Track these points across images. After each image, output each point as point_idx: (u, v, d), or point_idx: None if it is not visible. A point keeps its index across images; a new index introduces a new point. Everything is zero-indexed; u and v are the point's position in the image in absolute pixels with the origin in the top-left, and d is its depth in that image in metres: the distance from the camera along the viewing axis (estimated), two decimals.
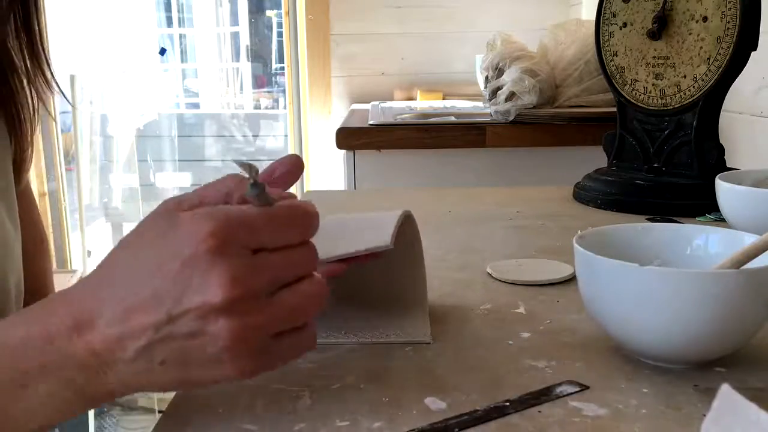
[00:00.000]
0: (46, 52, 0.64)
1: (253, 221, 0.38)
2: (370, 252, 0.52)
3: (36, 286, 0.72)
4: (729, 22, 0.87)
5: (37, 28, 0.63)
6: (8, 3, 0.60)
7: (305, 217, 0.40)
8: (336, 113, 2.47)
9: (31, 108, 0.65)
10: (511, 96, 1.53)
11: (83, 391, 0.39)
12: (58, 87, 0.67)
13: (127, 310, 0.38)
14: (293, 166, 0.48)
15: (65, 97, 0.70)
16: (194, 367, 0.38)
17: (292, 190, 0.48)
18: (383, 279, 0.60)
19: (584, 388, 0.46)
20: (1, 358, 0.39)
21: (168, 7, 3.78)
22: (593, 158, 1.11)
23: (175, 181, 3.96)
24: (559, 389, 0.46)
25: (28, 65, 0.64)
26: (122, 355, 0.38)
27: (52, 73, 0.66)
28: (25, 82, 0.64)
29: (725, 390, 0.25)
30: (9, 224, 0.61)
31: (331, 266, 0.52)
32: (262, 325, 0.38)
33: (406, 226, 0.57)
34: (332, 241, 0.54)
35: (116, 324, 0.38)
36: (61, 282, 0.67)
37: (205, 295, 0.36)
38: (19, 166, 0.66)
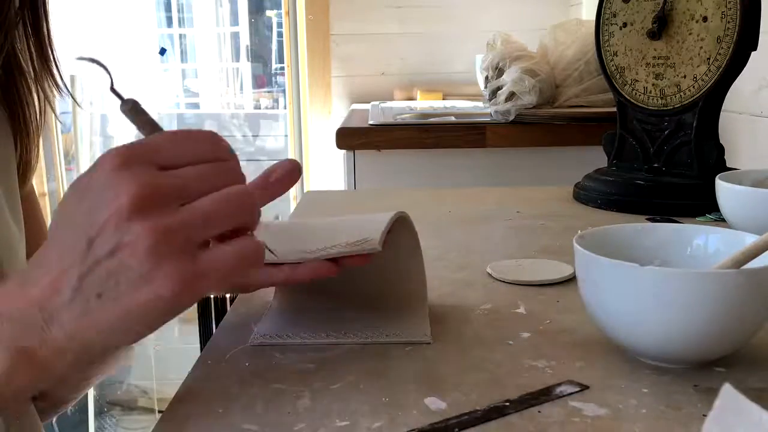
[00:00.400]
0: (54, 54, 0.64)
1: (155, 140, 0.40)
2: (357, 254, 0.52)
3: None
4: (729, 22, 0.87)
5: (46, 31, 0.63)
6: (18, 7, 0.61)
7: (209, 137, 0.41)
8: (336, 113, 2.47)
9: (37, 110, 0.65)
10: (511, 96, 1.53)
11: (32, 350, 0.38)
12: (67, 89, 0.68)
13: (58, 254, 0.38)
14: (290, 170, 0.48)
15: (74, 100, 0.71)
16: (128, 291, 0.37)
17: (291, 190, 0.48)
18: (383, 279, 0.60)
19: (584, 388, 0.46)
20: None
21: (168, 7, 3.78)
22: (593, 158, 1.11)
23: None
24: (559, 389, 0.46)
25: (37, 68, 0.64)
26: (59, 299, 0.38)
27: (60, 76, 0.66)
28: (32, 84, 0.64)
29: (727, 390, 0.25)
30: (14, 226, 0.61)
31: (321, 266, 0.52)
32: (178, 227, 0.37)
33: (404, 227, 0.57)
34: (321, 241, 0.54)
35: (51, 271, 0.38)
36: None
37: (112, 206, 0.37)
38: (25, 168, 0.66)
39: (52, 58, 0.64)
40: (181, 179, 0.39)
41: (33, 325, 0.38)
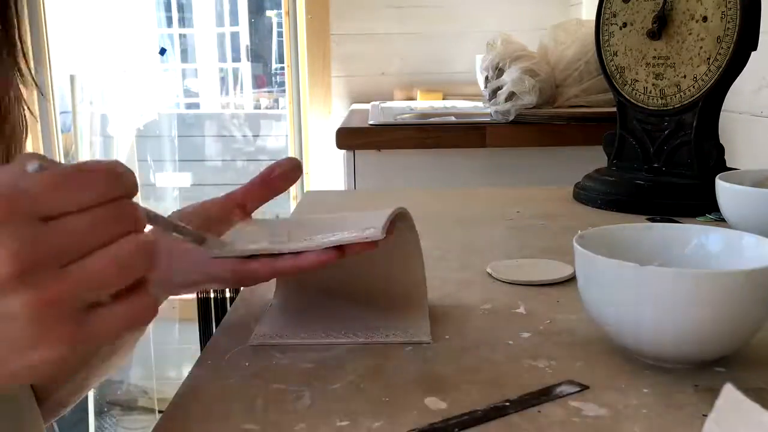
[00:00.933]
0: (23, 43, 0.61)
1: (32, 186, 0.34)
2: (362, 241, 0.51)
3: None
4: (729, 22, 0.87)
5: (15, 19, 0.60)
6: None
7: (105, 171, 0.36)
8: (336, 113, 2.47)
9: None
10: (511, 96, 1.53)
11: None
12: (34, 81, 0.65)
13: None
14: (291, 168, 0.47)
15: (41, 92, 0.69)
16: (12, 357, 0.34)
17: (291, 190, 0.48)
18: (383, 279, 0.60)
19: (584, 388, 0.46)
20: None
21: (168, 7, 3.78)
22: (593, 158, 1.11)
23: (175, 181, 3.95)
24: (559, 389, 0.46)
25: (3, 56, 0.61)
26: None
27: (29, 67, 0.61)
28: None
29: (728, 389, 0.25)
30: None
31: (325, 253, 0.51)
32: (63, 295, 0.34)
33: (404, 226, 0.57)
34: (322, 234, 0.54)
35: None
36: None
37: None
38: None
39: (20, 47, 0.59)
40: (67, 234, 0.34)
41: None
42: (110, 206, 0.36)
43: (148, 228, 0.40)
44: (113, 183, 0.36)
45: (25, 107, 0.62)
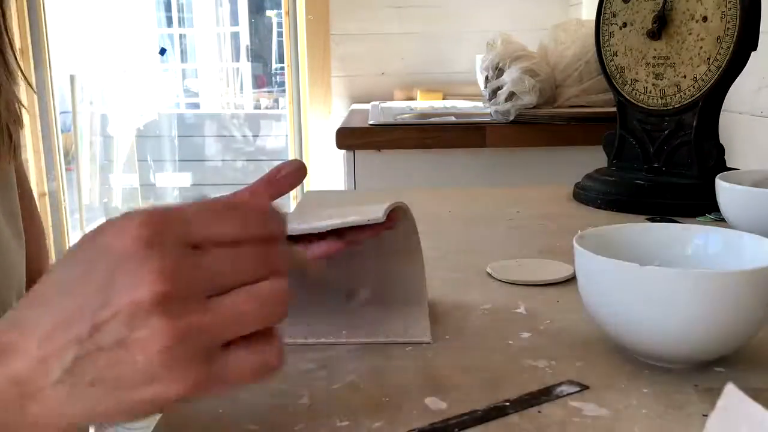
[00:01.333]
0: (9, 36, 0.59)
1: (187, 211, 0.34)
2: (364, 223, 0.50)
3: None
4: (729, 22, 0.87)
5: (1, 8, 0.59)
6: None
7: (254, 212, 0.35)
8: (336, 113, 2.47)
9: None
10: (511, 96, 1.53)
11: (5, 426, 0.33)
12: (23, 74, 0.64)
13: (50, 328, 0.32)
14: (297, 168, 0.46)
15: (31, 86, 0.69)
16: (127, 386, 0.32)
17: (292, 191, 0.48)
18: (383, 279, 0.60)
19: (584, 388, 0.46)
20: None
21: (168, 7, 3.78)
22: (593, 158, 1.11)
23: (175, 181, 3.95)
24: (559, 389, 0.46)
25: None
26: (47, 379, 0.32)
27: (16, 60, 0.60)
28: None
29: (730, 389, 0.25)
30: (12, 242, 0.60)
31: (328, 245, 0.50)
32: (200, 329, 0.32)
33: (405, 226, 0.57)
34: (323, 221, 0.53)
35: (40, 345, 0.32)
36: None
37: (133, 294, 0.31)
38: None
39: (6, 38, 0.59)
40: (215, 267, 0.33)
41: (10, 402, 0.33)
42: (259, 246, 0.35)
43: None
44: (265, 223, 0.35)
45: (15, 99, 0.61)
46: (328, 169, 2.48)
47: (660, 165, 0.97)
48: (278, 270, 0.35)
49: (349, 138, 1.55)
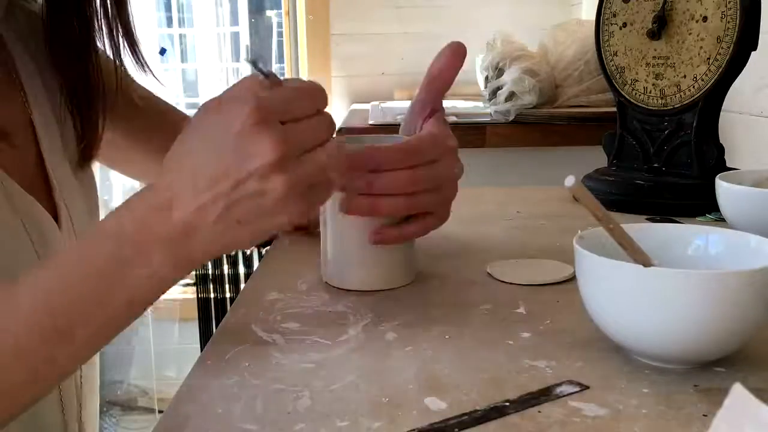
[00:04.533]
0: (134, 33, 0.66)
1: (280, 97, 0.47)
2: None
3: None
4: (729, 22, 0.87)
5: (128, 9, 0.66)
6: None
7: (318, 90, 0.49)
8: (336, 113, 2.47)
9: (100, 85, 0.67)
10: (511, 96, 1.53)
11: (175, 261, 0.47)
12: (149, 68, 0.69)
13: (206, 183, 0.46)
14: (452, 53, 0.63)
15: (157, 79, 0.73)
16: (260, 220, 0.47)
17: None
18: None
19: (584, 388, 0.46)
20: (102, 247, 0.47)
21: (168, 7, 3.78)
22: (593, 158, 1.11)
23: None
24: (559, 389, 0.46)
25: (117, 45, 0.66)
26: (206, 221, 0.46)
27: (141, 56, 0.68)
28: (102, 58, 0.66)
29: (737, 389, 0.25)
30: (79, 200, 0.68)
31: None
32: (302, 178, 0.47)
33: None
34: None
35: (200, 195, 0.46)
36: None
37: (262, 159, 0.45)
38: (86, 147, 0.68)
39: (133, 31, 0.66)
40: (302, 135, 0.47)
41: (179, 243, 0.46)
42: (323, 115, 0.49)
43: None
44: (324, 99, 0.50)
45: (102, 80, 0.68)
46: None
47: (660, 165, 0.97)
48: (332, 130, 0.50)
49: None
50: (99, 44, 0.66)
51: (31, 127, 0.63)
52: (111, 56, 0.66)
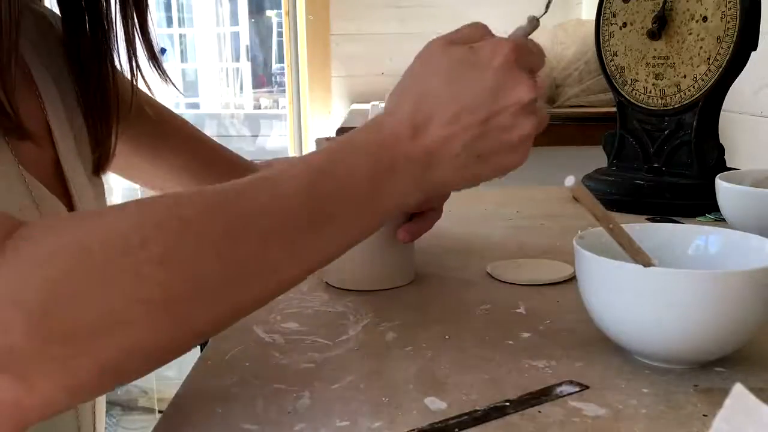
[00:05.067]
0: (152, 40, 0.64)
1: (530, 48, 0.51)
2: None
3: None
4: (729, 22, 0.87)
5: (147, 14, 0.63)
6: None
7: (542, 50, 0.52)
8: (336, 113, 2.47)
9: (116, 92, 0.65)
10: None
11: (417, 184, 0.48)
12: (167, 76, 0.68)
13: (454, 114, 0.47)
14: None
15: (177, 89, 0.72)
16: (499, 155, 0.49)
17: None
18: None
19: (584, 388, 0.46)
20: (358, 158, 0.47)
21: (168, 7, 3.78)
22: (593, 158, 1.11)
23: None
24: (559, 389, 0.46)
25: (135, 51, 0.64)
26: (450, 151, 0.47)
27: (159, 63, 0.66)
28: (120, 68, 0.65)
29: (738, 390, 0.25)
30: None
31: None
32: (541, 124, 0.50)
33: None
34: None
35: (446, 126, 0.47)
36: None
37: (516, 96, 0.47)
38: (101, 157, 0.67)
39: (150, 35, 0.64)
40: (539, 87, 0.50)
41: (425, 167, 0.47)
42: (542, 74, 0.54)
43: None
44: (543, 60, 0.52)
45: (115, 84, 0.65)
46: None
47: (660, 165, 0.97)
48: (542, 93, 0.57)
49: None
50: (115, 56, 0.65)
51: (49, 132, 0.63)
52: (128, 65, 0.65)
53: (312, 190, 0.44)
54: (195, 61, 3.98)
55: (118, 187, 3.38)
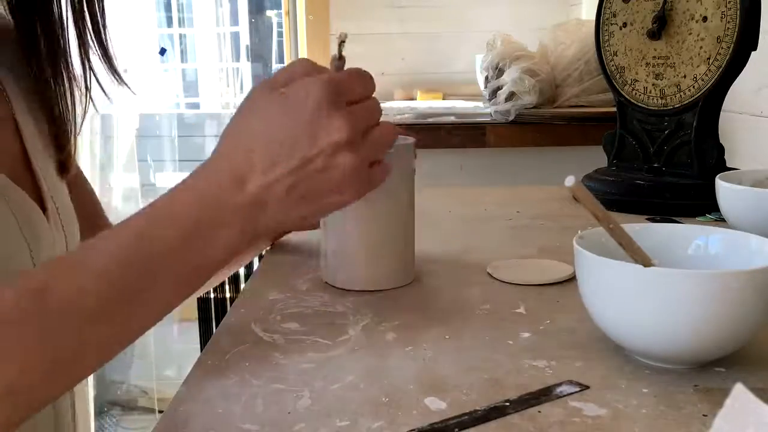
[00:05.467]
0: (108, 46, 0.65)
1: (344, 81, 0.50)
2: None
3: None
4: (729, 22, 0.87)
5: (102, 26, 0.64)
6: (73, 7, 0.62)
7: (369, 76, 0.53)
8: None
9: (70, 103, 0.66)
10: (511, 96, 1.53)
11: (247, 232, 0.48)
12: (123, 81, 0.69)
13: (273, 160, 0.48)
14: None
15: (131, 90, 0.72)
16: (323, 196, 0.50)
17: None
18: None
19: (584, 388, 0.46)
20: (189, 210, 0.48)
21: (168, 7, 3.78)
22: (593, 158, 1.11)
23: (175, 181, 3.94)
24: (559, 389, 0.46)
25: (90, 54, 0.64)
26: (274, 195, 0.48)
27: (115, 68, 0.67)
28: (75, 74, 0.65)
29: (739, 389, 0.25)
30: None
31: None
32: (365, 157, 0.50)
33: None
34: None
35: (267, 172, 0.48)
36: None
37: (332, 136, 0.48)
38: (63, 162, 0.67)
39: (104, 40, 0.65)
40: (364, 116, 0.50)
41: (252, 215, 0.48)
42: (373, 99, 0.52)
43: None
44: (373, 83, 0.53)
45: (75, 95, 0.67)
46: None
47: (660, 165, 0.97)
48: (381, 113, 0.53)
49: None
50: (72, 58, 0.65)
51: (16, 126, 0.62)
52: (82, 66, 0.65)
53: (132, 255, 0.45)
54: (195, 61, 3.98)
55: (119, 187, 3.38)
